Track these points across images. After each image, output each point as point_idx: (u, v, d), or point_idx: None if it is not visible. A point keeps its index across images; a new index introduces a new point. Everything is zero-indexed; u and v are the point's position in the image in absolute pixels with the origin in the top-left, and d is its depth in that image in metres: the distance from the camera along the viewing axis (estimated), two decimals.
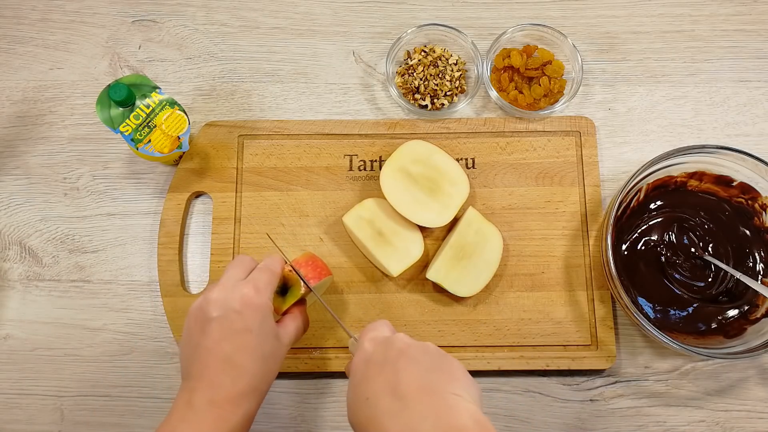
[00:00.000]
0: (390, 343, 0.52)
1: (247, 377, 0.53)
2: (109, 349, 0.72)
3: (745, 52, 0.81)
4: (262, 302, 0.55)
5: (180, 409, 0.52)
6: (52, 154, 0.77)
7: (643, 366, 0.71)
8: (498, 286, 0.72)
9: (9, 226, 0.75)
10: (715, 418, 0.70)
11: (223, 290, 0.55)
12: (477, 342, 0.70)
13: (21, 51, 0.81)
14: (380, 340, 0.54)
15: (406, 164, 0.71)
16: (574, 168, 0.75)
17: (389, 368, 0.50)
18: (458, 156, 0.76)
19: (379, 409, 0.48)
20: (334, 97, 0.80)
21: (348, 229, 0.71)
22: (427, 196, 0.70)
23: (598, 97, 0.80)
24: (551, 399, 0.70)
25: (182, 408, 0.52)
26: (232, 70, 0.81)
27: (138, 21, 0.82)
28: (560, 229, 0.74)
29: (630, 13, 0.83)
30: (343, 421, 0.69)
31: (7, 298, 0.73)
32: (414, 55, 0.79)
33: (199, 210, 0.76)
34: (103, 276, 0.74)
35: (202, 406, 0.51)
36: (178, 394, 0.53)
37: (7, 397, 0.70)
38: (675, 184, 0.74)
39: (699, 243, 0.72)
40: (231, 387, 0.52)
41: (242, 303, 0.54)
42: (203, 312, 0.54)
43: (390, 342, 0.53)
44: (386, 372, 0.50)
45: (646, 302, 0.71)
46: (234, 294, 0.55)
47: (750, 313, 0.70)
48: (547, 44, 0.80)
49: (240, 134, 0.76)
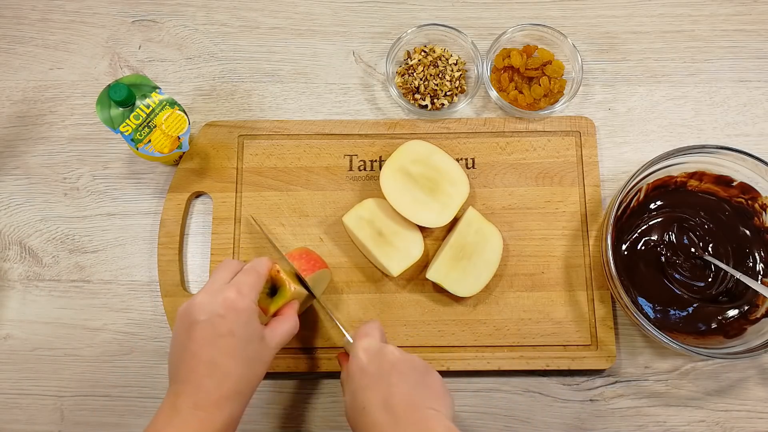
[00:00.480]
0: (383, 356, 0.58)
1: (231, 381, 0.54)
2: (109, 349, 0.72)
3: (745, 52, 0.81)
4: (246, 305, 0.56)
5: (165, 412, 0.53)
6: (52, 154, 0.77)
7: (643, 366, 0.71)
8: (498, 286, 0.72)
9: (9, 226, 0.75)
10: (715, 418, 0.70)
11: (207, 294, 0.56)
12: (477, 342, 0.70)
13: (21, 51, 0.81)
14: (374, 351, 0.59)
15: (406, 164, 0.71)
16: (574, 168, 0.75)
17: (383, 382, 0.56)
18: (458, 156, 0.76)
19: (375, 419, 0.55)
20: (334, 97, 0.80)
21: (348, 230, 0.71)
22: (427, 196, 0.70)
23: (598, 97, 0.80)
24: (551, 399, 0.70)
25: (167, 411, 0.53)
26: (232, 70, 0.81)
27: (138, 21, 0.82)
28: (560, 229, 0.74)
29: (630, 13, 0.83)
30: (341, 421, 0.70)
31: (7, 298, 0.73)
32: (414, 55, 0.79)
33: (199, 210, 0.76)
34: (103, 276, 0.74)
35: (186, 409, 0.53)
36: (165, 398, 0.55)
37: (7, 397, 0.70)
38: (675, 184, 0.74)
39: (699, 243, 0.72)
40: (215, 390, 0.54)
41: (226, 307, 0.55)
42: (189, 316, 0.55)
43: (383, 354, 0.58)
44: (380, 386, 0.56)
45: (646, 302, 0.71)
46: (218, 298, 0.56)
47: (750, 313, 0.70)
48: (547, 44, 0.80)
49: (240, 134, 0.76)
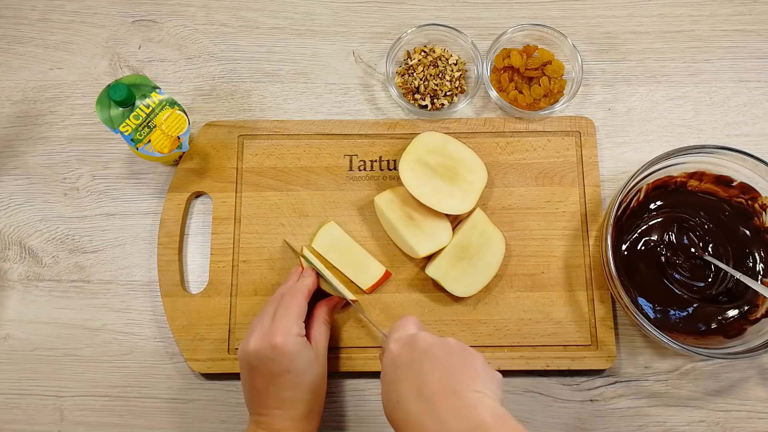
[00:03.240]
0: (414, 344, 0.55)
1: (299, 406, 0.60)
2: (109, 349, 0.72)
3: (745, 52, 0.81)
4: (293, 344, 0.60)
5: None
6: (52, 154, 0.77)
7: (643, 366, 0.71)
8: (498, 286, 0.72)
9: (9, 226, 0.75)
10: (715, 418, 0.70)
11: (257, 340, 0.60)
12: (477, 342, 0.70)
13: (21, 51, 0.81)
14: (405, 340, 0.56)
15: (423, 155, 0.72)
16: (574, 168, 0.75)
17: (414, 371, 0.52)
18: None
19: (410, 412, 0.50)
20: (334, 97, 0.80)
21: (378, 210, 0.72)
22: (448, 184, 0.71)
23: (598, 97, 0.80)
24: (551, 399, 0.70)
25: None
26: (232, 70, 0.81)
27: (138, 21, 0.82)
28: (560, 229, 0.74)
29: (630, 13, 0.83)
30: (342, 420, 0.70)
31: (7, 298, 0.73)
32: (414, 55, 0.79)
33: (199, 210, 0.76)
34: (103, 276, 0.74)
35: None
36: (248, 426, 0.62)
37: (7, 397, 0.70)
38: (675, 184, 0.74)
39: (699, 243, 0.72)
40: (287, 416, 0.59)
41: (274, 352, 0.59)
42: (246, 362, 0.61)
43: (414, 342, 0.55)
44: (412, 375, 0.52)
45: (646, 302, 0.71)
46: (264, 344, 0.60)
47: (750, 313, 0.70)
48: (547, 44, 0.80)
49: (240, 134, 0.76)
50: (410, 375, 0.52)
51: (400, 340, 0.56)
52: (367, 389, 0.70)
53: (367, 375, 0.70)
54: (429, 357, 0.53)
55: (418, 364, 0.53)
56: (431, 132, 0.74)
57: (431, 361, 0.52)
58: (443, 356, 0.53)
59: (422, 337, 0.55)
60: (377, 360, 0.69)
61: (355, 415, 0.70)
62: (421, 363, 0.52)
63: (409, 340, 0.55)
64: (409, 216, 0.71)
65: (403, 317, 0.60)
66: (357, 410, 0.70)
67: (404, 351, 0.55)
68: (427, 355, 0.53)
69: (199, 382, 0.71)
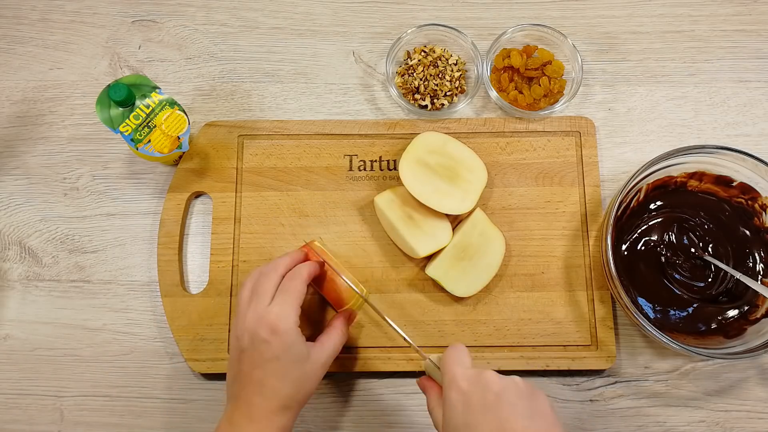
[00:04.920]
0: (485, 384, 0.54)
1: (278, 397, 0.59)
2: (109, 349, 0.72)
3: (745, 52, 0.81)
4: (288, 327, 0.59)
5: (224, 425, 0.59)
6: (52, 154, 0.77)
7: (643, 366, 0.71)
8: (498, 286, 0.72)
9: (9, 226, 0.75)
10: (715, 418, 0.70)
11: (252, 319, 0.60)
12: (477, 342, 0.70)
13: (21, 51, 0.81)
14: (474, 379, 0.55)
15: (423, 155, 0.72)
16: (574, 168, 0.75)
17: (493, 416, 0.52)
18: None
19: None
20: (334, 97, 0.80)
21: (378, 210, 0.72)
22: (448, 184, 0.71)
23: (598, 97, 0.80)
24: (551, 399, 0.70)
25: (225, 424, 0.59)
26: (232, 70, 0.81)
27: (138, 21, 0.82)
28: (560, 229, 0.74)
29: (630, 13, 0.83)
30: (342, 421, 0.70)
31: (7, 298, 0.73)
32: (414, 55, 0.79)
33: (199, 210, 0.76)
34: (102, 276, 0.74)
35: (241, 422, 0.58)
36: (223, 413, 0.60)
37: (7, 397, 0.70)
38: (675, 185, 0.74)
39: (699, 243, 0.72)
40: (264, 405, 0.58)
41: (269, 333, 0.58)
42: (238, 342, 0.60)
43: (484, 382, 0.54)
44: (491, 421, 0.52)
45: (646, 302, 0.71)
46: (261, 324, 0.59)
47: (750, 313, 0.70)
48: (547, 44, 0.80)
49: (240, 134, 0.76)
50: (489, 420, 0.52)
51: (469, 379, 0.55)
52: (368, 389, 0.70)
53: (368, 375, 0.70)
54: (504, 402, 0.53)
55: (495, 410, 0.52)
56: (431, 132, 0.74)
57: (509, 407, 0.53)
58: (517, 400, 0.53)
59: (492, 379, 0.55)
60: (377, 360, 0.69)
61: (355, 415, 0.70)
62: (499, 409, 0.52)
63: (479, 379, 0.55)
64: (409, 216, 0.71)
65: (454, 346, 0.58)
66: (357, 410, 0.70)
67: (476, 392, 0.54)
68: (501, 399, 0.53)
69: (199, 382, 0.71)
